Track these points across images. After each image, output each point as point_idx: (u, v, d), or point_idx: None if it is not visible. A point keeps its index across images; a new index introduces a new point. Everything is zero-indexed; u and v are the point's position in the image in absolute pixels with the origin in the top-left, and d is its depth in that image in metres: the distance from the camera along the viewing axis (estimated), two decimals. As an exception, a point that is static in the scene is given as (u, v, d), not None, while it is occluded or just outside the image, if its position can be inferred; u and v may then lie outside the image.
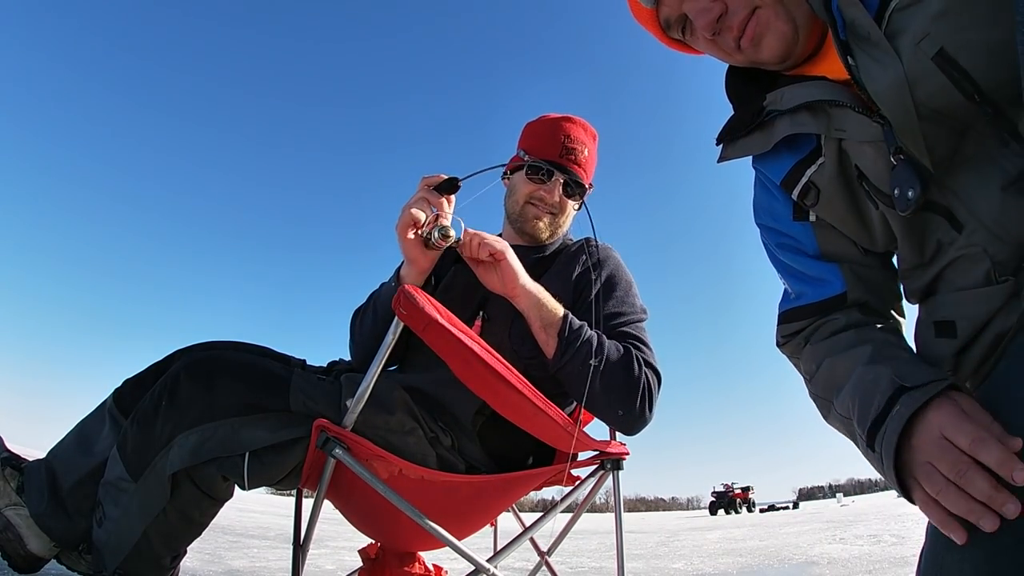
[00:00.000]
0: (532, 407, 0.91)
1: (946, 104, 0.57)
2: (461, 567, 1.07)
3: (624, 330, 1.13)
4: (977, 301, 0.61)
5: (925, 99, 0.57)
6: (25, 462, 1.06)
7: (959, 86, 0.55)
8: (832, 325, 0.74)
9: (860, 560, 3.16)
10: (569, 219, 1.29)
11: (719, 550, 4.55)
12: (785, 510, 32.73)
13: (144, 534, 0.90)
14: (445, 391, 1.05)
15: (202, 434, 0.87)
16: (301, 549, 1.00)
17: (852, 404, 0.64)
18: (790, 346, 0.81)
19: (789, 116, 0.71)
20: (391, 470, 0.92)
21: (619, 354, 1.05)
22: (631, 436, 1.15)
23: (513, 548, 1.03)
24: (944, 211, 0.62)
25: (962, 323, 0.63)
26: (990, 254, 0.60)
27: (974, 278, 0.62)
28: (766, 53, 0.70)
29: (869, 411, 0.60)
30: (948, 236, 0.63)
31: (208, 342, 1.10)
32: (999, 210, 0.58)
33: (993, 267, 0.60)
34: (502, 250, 1.01)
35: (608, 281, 1.20)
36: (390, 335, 0.85)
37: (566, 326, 1.03)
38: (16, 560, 0.98)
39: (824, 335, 0.74)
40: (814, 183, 0.72)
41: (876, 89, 0.59)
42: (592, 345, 1.02)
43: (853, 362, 0.66)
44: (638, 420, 1.05)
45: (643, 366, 1.06)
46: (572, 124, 1.25)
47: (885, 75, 0.58)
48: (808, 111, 0.69)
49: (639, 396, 1.04)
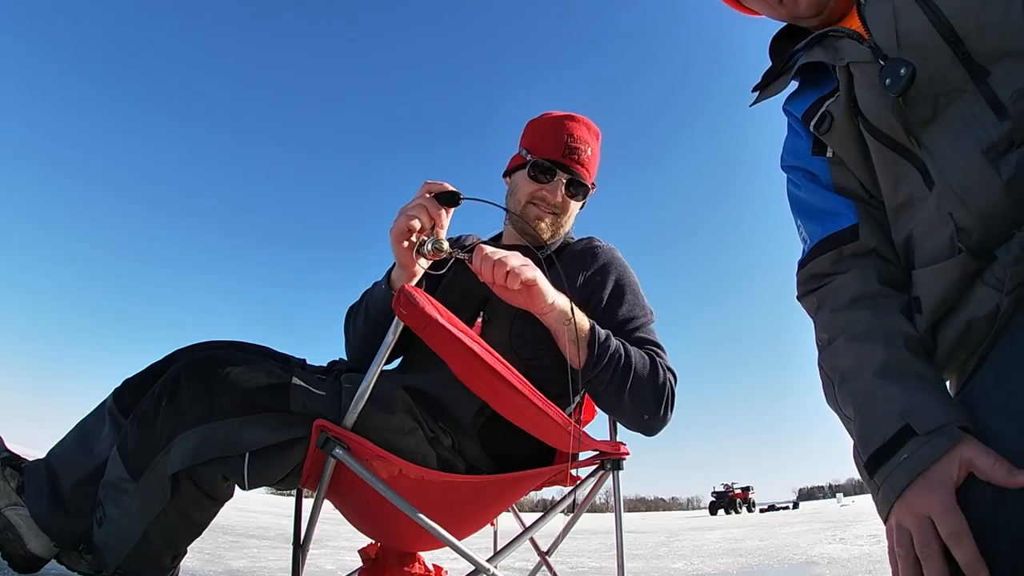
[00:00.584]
0: (532, 407, 0.91)
1: (925, 41, 0.63)
2: (461, 567, 1.07)
3: (640, 335, 1.14)
4: (934, 277, 0.64)
5: (906, 31, 0.64)
6: (25, 462, 1.06)
7: (938, 27, 0.62)
8: (848, 290, 0.74)
9: (860, 560, 3.16)
10: (571, 219, 1.28)
11: (719, 550, 4.55)
12: (785, 510, 32.74)
13: (144, 534, 0.90)
14: (445, 391, 1.05)
15: (202, 434, 0.87)
16: (301, 549, 1.00)
17: (855, 414, 0.65)
18: (808, 300, 0.82)
19: (806, 51, 0.79)
20: (391, 470, 0.92)
21: (644, 361, 1.07)
22: (650, 437, 1.16)
23: (513, 548, 1.03)
24: (919, 164, 0.66)
25: (926, 299, 0.66)
26: (955, 219, 0.61)
27: (939, 244, 0.64)
28: (803, 6, 0.79)
29: (873, 436, 0.61)
30: (920, 191, 0.66)
31: (208, 342, 1.10)
32: (967, 175, 0.60)
33: (956, 232, 0.61)
34: (533, 278, 0.95)
35: (617, 284, 1.19)
36: (390, 335, 0.85)
37: (595, 337, 1.03)
38: (16, 560, 0.98)
39: (840, 303, 0.74)
40: (830, 112, 0.77)
41: (872, 18, 0.69)
42: (621, 356, 1.04)
43: (864, 362, 0.66)
44: (660, 422, 1.09)
45: (666, 371, 1.09)
46: (575, 123, 1.24)
47: (881, 9, 0.68)
48: (820, 46, 0.77)
49: (663, 401, 1.07)
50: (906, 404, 0.59)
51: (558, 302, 1.00)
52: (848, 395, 0.67)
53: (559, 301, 1.01)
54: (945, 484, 0.53)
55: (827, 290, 0.78)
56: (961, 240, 0.61)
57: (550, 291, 1.00)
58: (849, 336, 0.70)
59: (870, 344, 0.67)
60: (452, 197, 0.97)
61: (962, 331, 0.63)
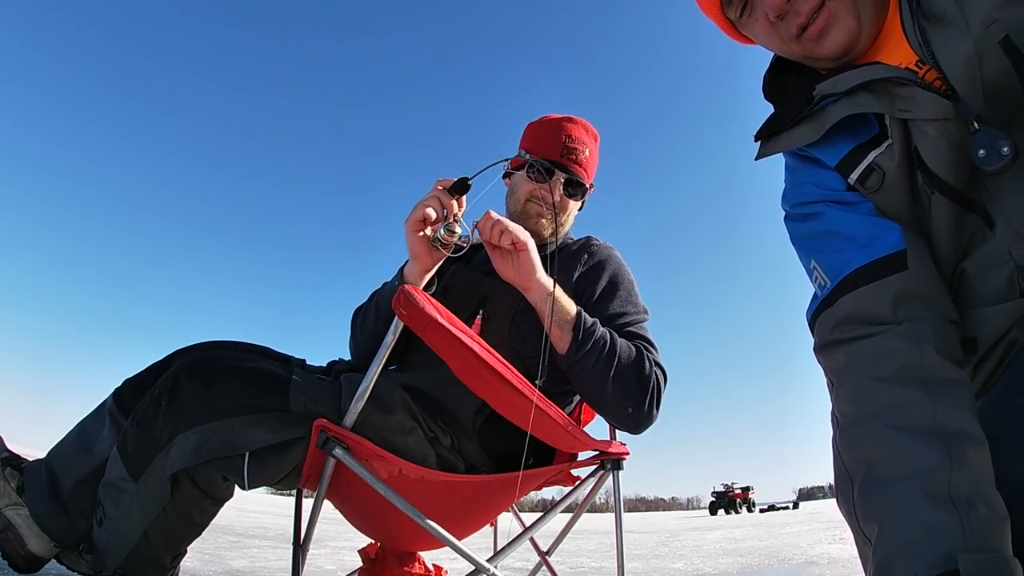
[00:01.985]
0: (532, 407, 0.91)
1: (1005, 88, 0.57)
2: (461, 567, 1.07)
3: (631, 330, 1.13)
4: (999, 318, 0.61)
5: (989, 78, 0.57)
6: (25, 462, 1.06)
7: (1021, 74, 0.56)
8: (896, 355, 0.58)
9: (860, 560, 3.15)
10: (571, 219, 1.29)
11: (719, 550, 4.54)
12: (785, 510, 32.72)
13: (144, 534, 0.90)
14: (445, 391, 1.05)
15: (202, 434, 0.87)
16: (301, 549, 1.00)
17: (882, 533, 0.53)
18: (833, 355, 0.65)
19: (846, 98, 0.67)
20: (391, 470, 0.92)
21: (631, 352, 1.06)
22: (635, 435, 1.15)
23: (513, 548, 1.03)
24: (981, 211, 0.63)
25: (983, 340, 0.62)
26: (1014, 257, 0.60)
27: (996, 282, 0.62)
28: (829, 46, 0.69)
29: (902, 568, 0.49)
30: (981, 233, 0.63)
31: (207, 342, 1.10)
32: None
33: (1016, 271, 0.60)
34: (525, 241, 1.02)
35: (611, 281, 1.20)
36: (390, 335, 0.85)
37: (580, 322, 1.03)
38: (16, 560, 0.98)
39: (883, 372, 0.58)
40: (878, 165, 0.67)
41: (949, 63, 0.59)
42: (606, 342, 1.03)
43: (910, 467, 0.52)
44: (645, 419, 1.07)
45: (653, 365, 1.07)
46: (573, 124, 1.25)
47: (958, 50, 0.58)
48: (868, 91, 0.65)
49: (649, 395, 1.05)
50: (959, 541, 0.47)
51: (543, 279, 1.03)
52: (877, 506, 0.54)
53: (547, 281, 1.03)
54: None
55: (865, 348, 0.61)
56: (1021, 278, 0.60)
57: (539, 266, 1.03)
58: (892, 424, 0.55)
59: (922, 445, 0.52)
60: (461, 184, 1.01)
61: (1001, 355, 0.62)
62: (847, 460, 0.59)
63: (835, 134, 0.70)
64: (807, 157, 0.77)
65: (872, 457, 0.56)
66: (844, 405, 0.62)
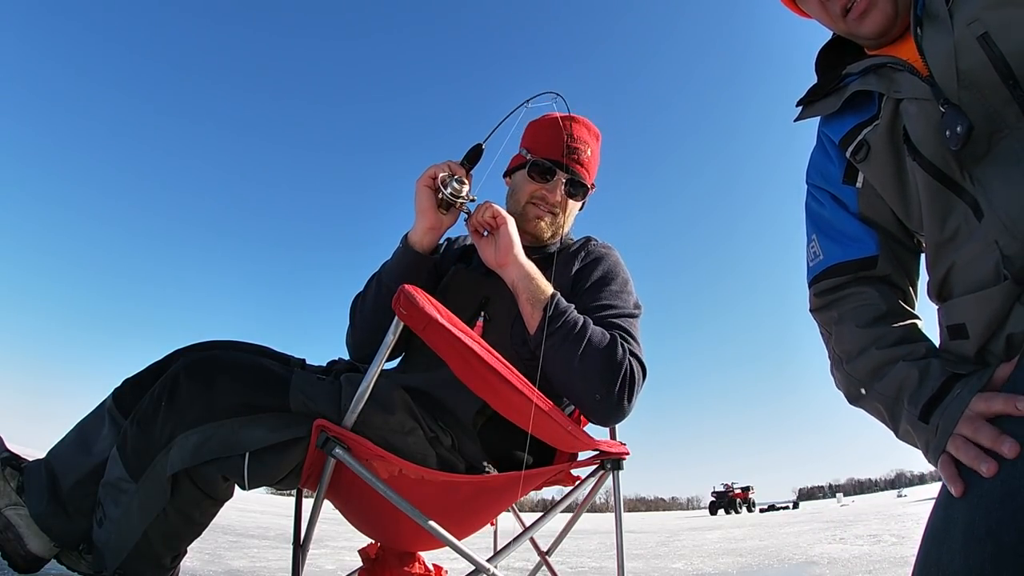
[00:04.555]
0: (532, 407, 0.91)
1: (983, 79, 0.65)
2: (461, 567, 1.07)
3: (613, 321, 1.10)
4: (980, 303, 0.66)
5: (966, 69, 0.66)
6: (25, 462, 1.06)
7: (996, 66, 0.64)
8: (872, 308, 0.81)
9: (860, 560, 3.16)
10: (571, 219, 1.29)
11: (719, 550, 4.55)
12: (785, 510, 32.75)
13: (144, 534, 0.90)
14: (445, 391, 1.05)
15: (202, 434, 0.87)
16: (301, 549, 1.00)
17: (900, 391, 0.73)
18: (826, 313, 0.87)
19: (860, 77, 0.80)
20: (391, 470, 0.92)
21: (603, 338, 1.03)
22: (605, 427, 1.15)
23: (513, 548, 1.03)
24: (970, 199, 0.68)
25: (972, 325, 0.68)
26: (1000, 246, 0.64)
27: (983, 271, 0.66)
28: (868, 27, 0.79)
29: (923, 391, 0.69)
30: (969, 224, 0.68)
31: (207, 342, 1.10)
32: (1015, 205, 0.63)
33: (1002, 260, 0.64)
34: (505, 217, 1.08)
35: (604, 275, 1.19)
36: (390, 335, 0.85)
37: (552, 303, 1.03)
38: (16, 560, 0.98)
39: (865, 319, 0.81)
40: (867, 140, 0.79)
41: (931, 53, 0.70)
42: (577, 324, 1.02)
43: (904, 356, 0.74)
44: (615, 408, 1.02)
45: (627, 354, 1.04)
46: (575, 123, 1.25)
47: (941, 44, 0.69)
48: (875, 74, 0.78)
49: (619, 382, 1.01)
50: (948, 367, 0.69)
51: (521, 258, 1.07)
52: (890, 381, 0.74)
53: (523, 258, 1.07)
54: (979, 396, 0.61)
55: (848, 306, 0.83)
56: (1007, 267, 0.63)
57: (517, 243, 1.07)
58: (882, 345, 0.77)
59: (908, 346, 0.75)
60: (475, 152, 1.09)
61: (1004, 348, 0.66)
62: (858, 377, 0.80)
63: (846, 111, 0.83)
64: (823, 139, 0.90)
65: (875, 364, 0.77)
66: (844, 345, 0.83)
